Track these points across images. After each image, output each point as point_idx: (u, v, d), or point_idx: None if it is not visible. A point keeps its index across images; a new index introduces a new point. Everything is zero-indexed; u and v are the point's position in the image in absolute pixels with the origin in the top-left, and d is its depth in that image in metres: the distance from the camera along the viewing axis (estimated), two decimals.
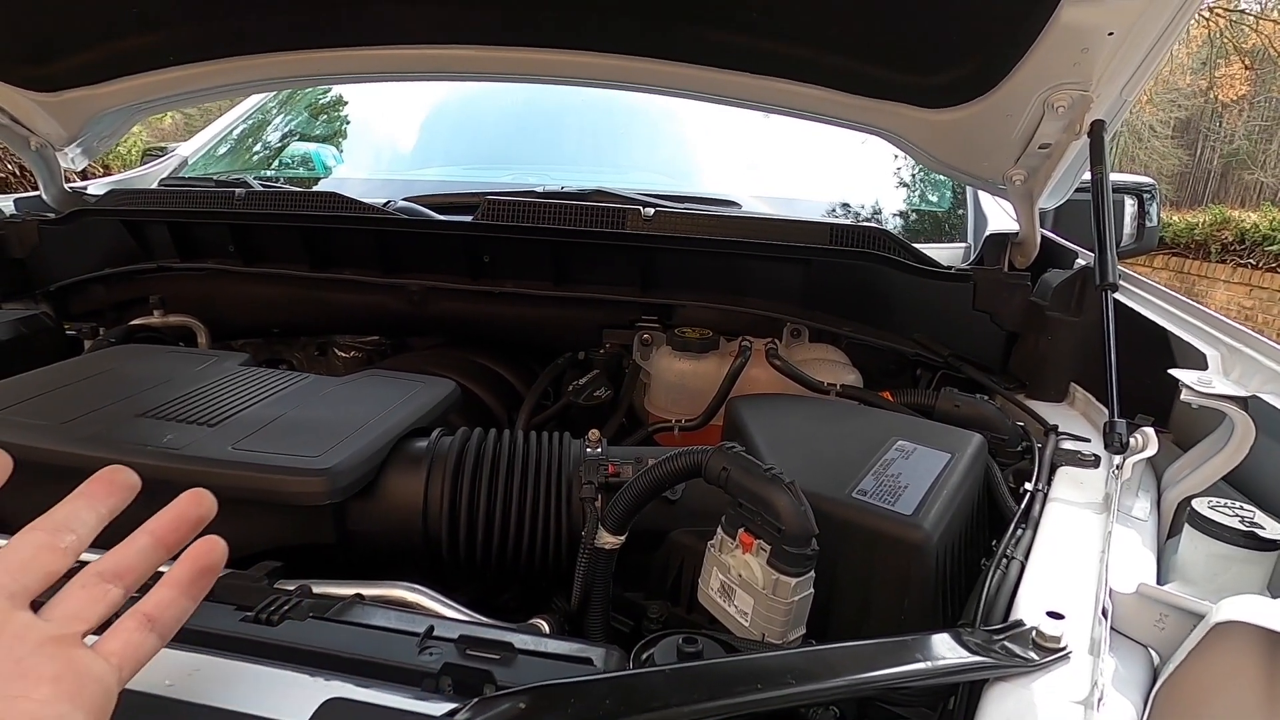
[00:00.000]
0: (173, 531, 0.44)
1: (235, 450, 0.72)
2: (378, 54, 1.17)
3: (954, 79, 1.03)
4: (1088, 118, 0.97)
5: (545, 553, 0.77)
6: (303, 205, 1.25)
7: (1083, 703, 0.45)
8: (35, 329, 1.25)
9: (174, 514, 0.44)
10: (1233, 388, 0.74)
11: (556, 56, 1.13)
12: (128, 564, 0.42)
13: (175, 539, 0.44)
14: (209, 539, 0.44)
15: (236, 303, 1.38)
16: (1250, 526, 0.60)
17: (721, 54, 1.09)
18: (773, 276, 1.18)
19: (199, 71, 1.22)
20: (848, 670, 0.45)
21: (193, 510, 0.45)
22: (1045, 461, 0.83)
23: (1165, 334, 0.98)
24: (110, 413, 0.80)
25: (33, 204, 1.50)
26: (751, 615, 0.60)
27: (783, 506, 0.57)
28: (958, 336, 1.14)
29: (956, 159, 1.16)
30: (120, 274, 1.35)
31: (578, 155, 1.90)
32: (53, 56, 1.22)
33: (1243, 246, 7.61)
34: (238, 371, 0.95)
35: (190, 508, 0.45)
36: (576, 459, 0.80)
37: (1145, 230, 1.76)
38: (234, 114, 2.15)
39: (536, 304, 1.26)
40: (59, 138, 1.37)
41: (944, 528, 0.65)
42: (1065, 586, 0.59)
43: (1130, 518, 0.73)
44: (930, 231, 1.69)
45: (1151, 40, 0.90)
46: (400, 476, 0.77)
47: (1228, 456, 0.73)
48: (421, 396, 0.89)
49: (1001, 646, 0.51)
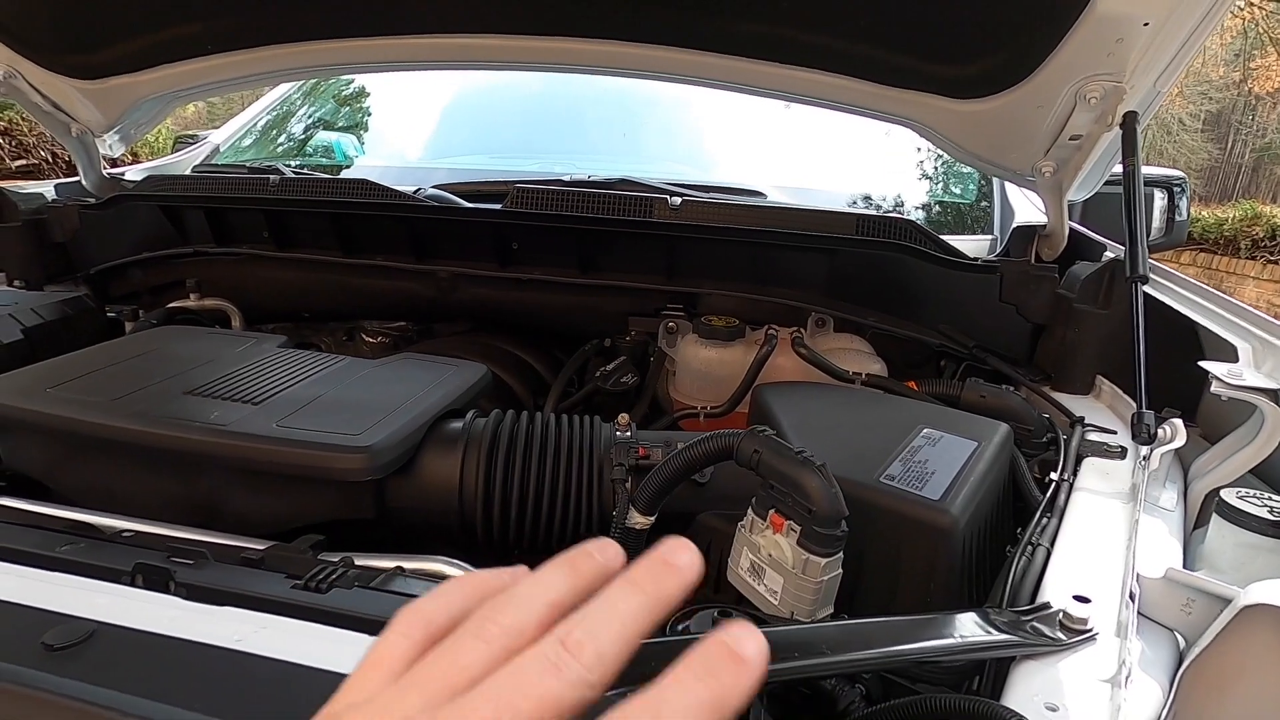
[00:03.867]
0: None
1: (280, 427, 0.75)
2: (409, 43, 1.18)
3: (985, 70, 1.03)
4: (1120, 109, 0.97)
5: (576, 532, 0.79)
6: (335, 192, 1.28)
7: (1109, 681, 0.46)
8: (78, 310, 1.29)
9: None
10: (1264, 380, 0.74)
11: (585, 46, 1.14)
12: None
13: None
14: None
15: (269, 287, 1.41)
16: (1278, 516, 0.60)
17: (750, 44, 1.09)
18: (798, 266, 1.19)
19: (235, 60, 1.24)
20: (880, 643, 0.46)
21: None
22: (1071, 452, 0.83)
23: (1194, 327, 0.97)
24: (158, 390, 0.83)
25: (73, 189, 1.54)
26: (781, 594, 0.61)
27: (814, 488, 0.59)
28: (983, 328, 1.15)
29: (985, 150, 1.16)
30: (158, 258, 1.39)
31: (603, 145, 1.91)
32: (95, 45, 1.25)
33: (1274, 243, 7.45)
34: (277, 353, 0.97)
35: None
36: (607, 442, 0.81)
37: (1174, 224, 1.74)
38: (262, 103, 2.18)
39: (563, 291, 1.28)
40: (99, 124, 1.40)
41: (970, 513, 0.66)
42: (1091, 572, 0.60)
43: (1157, 508, 0.74)
44: (954, 223, 1.68)
45: (1187, 31, 0.89)
46: (437, 456, 0.80)
47: (1257, 448, 0.73)
48: (455, 380, 0.92)
49: (1030, 626, 0.52)
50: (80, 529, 0.68)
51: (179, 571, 0.57)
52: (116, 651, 0.41)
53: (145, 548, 0.62)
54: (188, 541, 0.63)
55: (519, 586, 0.31)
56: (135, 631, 0.42)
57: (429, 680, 0.28)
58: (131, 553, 0.60)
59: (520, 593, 0.30)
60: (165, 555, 0.60)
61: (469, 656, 0.28)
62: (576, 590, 0.31)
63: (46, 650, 0.40)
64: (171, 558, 0.59)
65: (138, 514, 0.71)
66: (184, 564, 0.58)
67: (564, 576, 0.31)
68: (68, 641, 0.40)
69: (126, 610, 0.46)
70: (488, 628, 0.29)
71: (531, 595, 0.30)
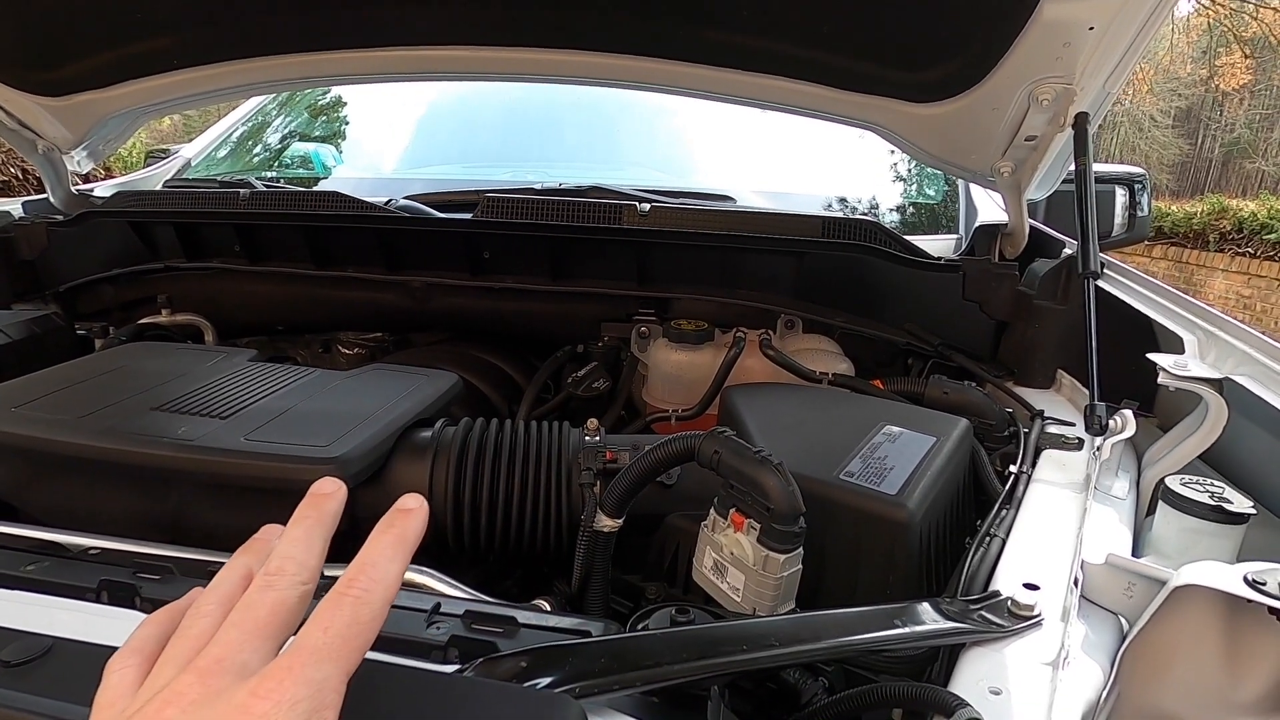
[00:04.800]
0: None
1: (247, 441, 0.75)
2: (379, 55, 1.19)
3: (942, 74, 1.05)
4: (1072, 110, 1.00)
5: (546, 537, 0.80)
6: (306, 205, 1.28)
7: (1050, 664, 0.48)
8: (46, 329, 1.28)
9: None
10: (1207, 370, 0.77)
11: (554, 56, 1.15)
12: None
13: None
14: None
15: (242, 301, 1.41)
16: (1219, 501, 0.62)
17: (715, 52, 1.11)
18: (766, 269, 1.21)
19: (204, 74, 1.24)
20: (829, 635, 0.48)
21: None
22: (1030, 445, 0.86)
23: (1149, 321, 1.00)
24: (126, 407, 0.83)
25: (40, 207, 1.53)
26: (743, 591, 0.62)
27: (771, 486, 0.60)
28: (948, 326, 1.17)
29: (946, 152, 1.18)
30: (128, 274, 1.38)
31: (575, 152, 1.92)
32: (60, 61, 1.25)
33: (1241, 235, 7.62)
34: (246, 366, 0.97)
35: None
36: (576, 447, 0.82)
37: (1136, 220, 1.78)
38: (235, 115, 2.17)
39: (536, 299, 1.29)
40: (66, 141, 1.40)
41: (927, 507, 0.68)
42: (1043, 560, 0.62)
43: (1110, 497, 0.76)
44: (926, 224, 1.71)
45: (1132, 34, 0.92)
46: (406, 465, 0.80)
47: (1202, 437, 0.75)
48: (425, 389, 0.92)
49: (978, 615, 0.53)
50: (47, 548, 0.67)
51: (144, 587, 0.57)
52: (73, 666, 0.41)
53: (112, 564, 0.62)
54: (154, 557, 0.63)
55: (215, 578, 0.38)
56: (93, 646, 0.43)
57: (177, 656, 0.33)
58: (97, 570, 0.60)
59: (216, 579, 0.38)
60: (131, 571, 0.60)
61: (198, 626, 0.34)
62: (261, 564, 0.37)
63: (3, 666, 0.40)
64: (137, 574, 0.59)
65: (106, 531, 0.71)
66: (150, 579, 0.58)
67: (246, 558, 0.39)
68: (24, 657, 0.41)
69: (86, 625, 0.46)
70: (202, 606, 0.36)
71: (226, 576, 0.38)
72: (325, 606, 0.34)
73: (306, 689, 0.30)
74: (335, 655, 0.32)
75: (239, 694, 0.30)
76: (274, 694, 0.30)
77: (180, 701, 0.30)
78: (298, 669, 0.31)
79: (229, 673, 0.31)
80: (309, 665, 0.31)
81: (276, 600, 0.34)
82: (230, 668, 0.31)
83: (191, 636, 0.34)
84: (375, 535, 0.37)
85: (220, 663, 0.32)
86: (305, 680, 0.30)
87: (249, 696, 0.30)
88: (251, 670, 0.31)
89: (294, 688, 0.30)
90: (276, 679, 0.30)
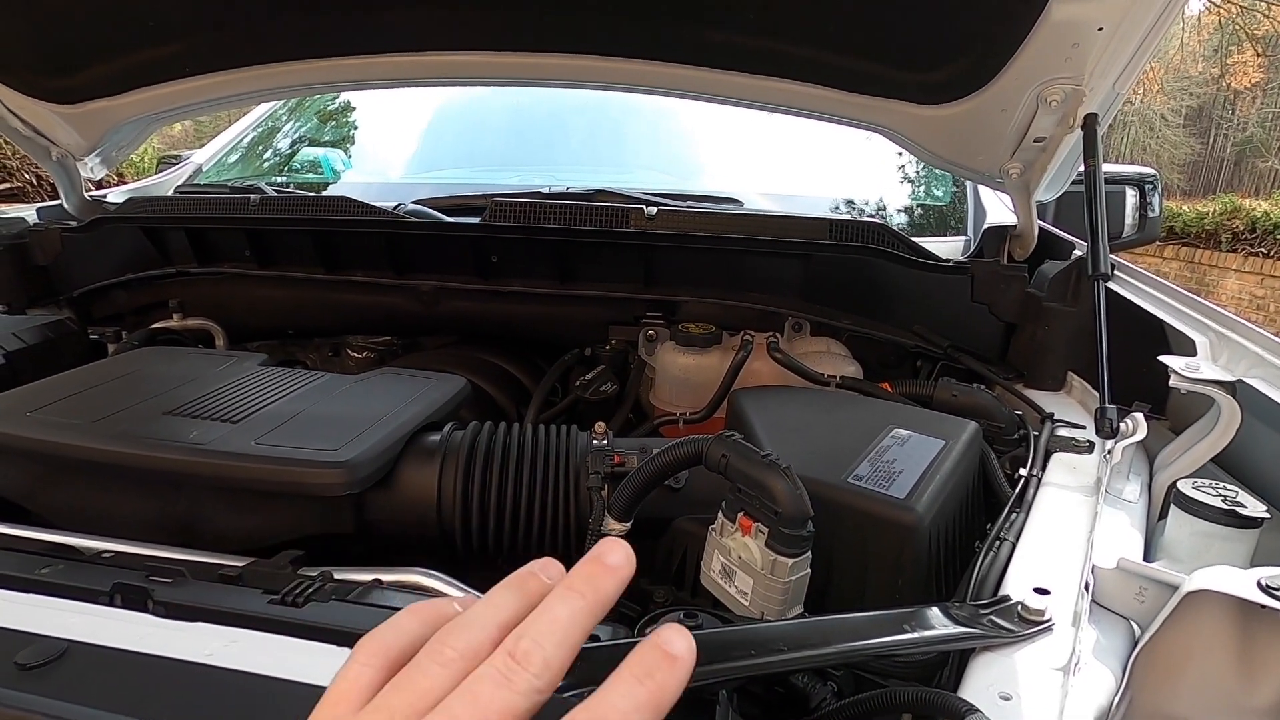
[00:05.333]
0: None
1: (258, 445, 0.76)
2: (387, 61, 1.20)
3: (950, 75, 1.05)
4: (1081, 111, 0.99)
5: (554, 541, 0.80)
6: (315, 210, 1.29)
7: (1061, 669, 0.48)
8: (60, 333, 1.30)
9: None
10: (1219, 372, 0.76)
11: (561, 61, 1.16)
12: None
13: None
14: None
15: (252, 305, 1.42)
16: (1231, 505, 0.62)
17: (721, 55, 1.11)
18: (773, 272, 1.21)
19: (215, 81, 1.26)
20: (838, 640, 0.48)
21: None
22: (1040, 448, 0.85)
23: (1161, 323, 1.00)
24: (138, 411, 0.84)
25: (54, 213, 1.55)
26: (751, 595, 0.62)
27: (779, 490, 0.60)
28: (957, 328, 1.17)
29: (954, 154, 1.18)
30: (140, 279, 1.39)
31: (583, 156, 1.93)
32: (73, 69, 1.26)
33: (1254, 235, 7.54)
34: (257, 371, 0.98)
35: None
36: (583, 450, 0.83)
37: (1147, 221, 1.77)
38: (245, 121, 2.19)
39: (543, 302, 1.29)
40: (79, 148, 1.41)
41: (936, 510, 0.68)
42: (1053, 565, 0.62)
43: (1121, 500, 0.76)
44: (934, 225, 1.70)
45: (1142, 34, 0.92)
46: (415, 469, 0.81)
47: (1215, 440, 0.75)
48: (434, 393, 0.93)
49: (988, 619, 0.53)
50: (60, 551, 0.68)
51: (157, 590, 0.58)
52: (88, 669, 0.41)
53: (125, 567, 0.63)
54: (167, 560, 0.64)
55: (471, 610, 0.33)
56: (107, 649, 0.43)
57: (393, 707, 0.30)
58: (111, 573, 0.61)
59: (472, 616, 0.33)
60: (144, 574, 0.60)
61: (429, 681, 0.30)
62: (525, 610, 0.33)
63: (19, 669, 0.41)
64: (150, 577, 0.60)
65: (118, 534, 0.72)
66: (162, 582, 0.59)
67: (513, 597, 0.33)
68: (40, 660, 0.41)
69: (100, 629, 0.47)
70: (445, 652, 0.31)
71: (483, 617, 0.32)
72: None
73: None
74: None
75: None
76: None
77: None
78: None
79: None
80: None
81: (506, 704, 0.29)
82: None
83: (420, 690, 0.30)
84: (623, 670, 0.31)
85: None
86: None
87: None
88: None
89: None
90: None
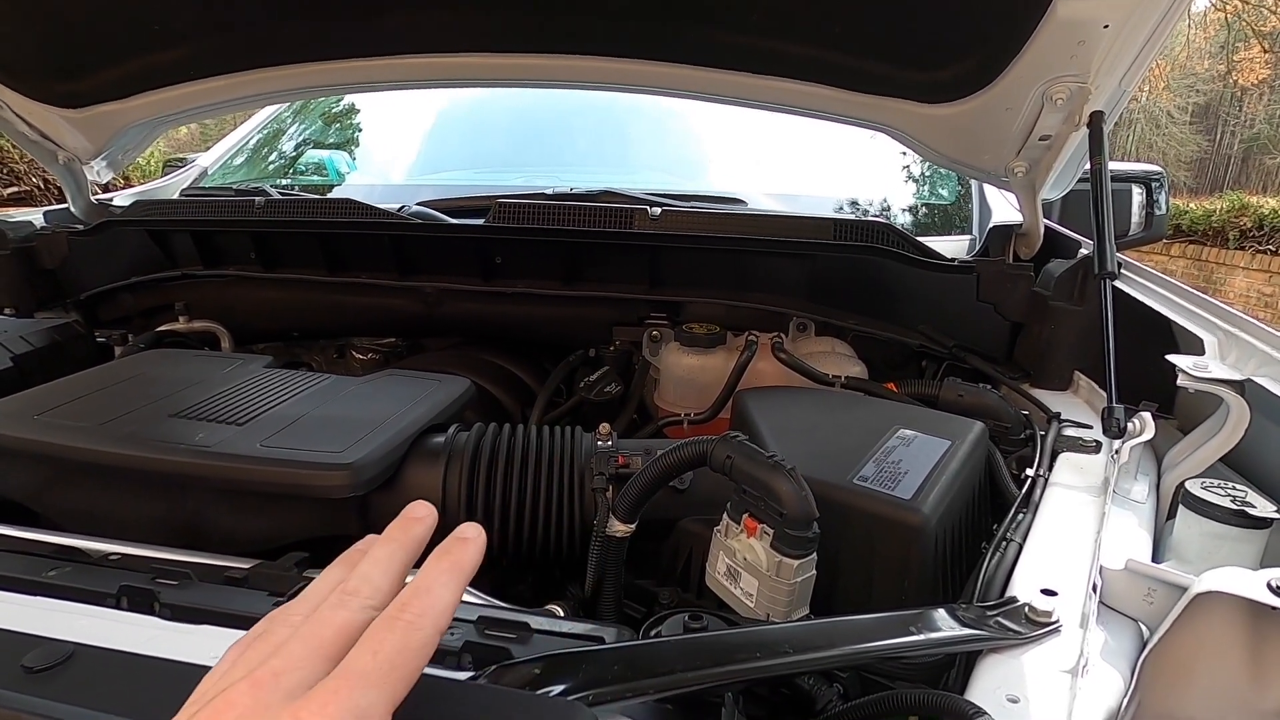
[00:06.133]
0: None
1: (264, 447, 0.76)
2: (392, 63, 1.20)
3: (955, 74, 1.05)
4: (1086, 109, 0.99)
5: (559, 542, 0.80)
6: (320, 212, 1.29)
7: (1069, 671, 0.47)
8: (67, 337, 1.31)
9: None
10: (1228, 371, 0.75)
11: (565, 62, 1.16)
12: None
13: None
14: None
15: (257, 308, 1.42)
16: (1241, 505, 0.61)
17: (726, 55, 1.11)
18: (778, 272, 1.21)
19: (221, 84, 1.26)
20: (844, 642, 0.48)
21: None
22: (1047, 448, 0.85)
23: (1168, 322, 0.99)
24: (144, 414, 0.84)
25: (61, 216, 1.55)
26: (756, 596, 0.62)
27: (784, 491, 0.60)
28: (963, 327, 1.16)
29: (959, 153, 1.17)
30: (146, 282, 1.40)
31: (587, 157, 1.93)
32: (79, 73, 1.27)
33: (1261, 232, 7.49)
34: (262, 373, 0.98)
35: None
36: (588, 452, 0.82)
37: (1154, 219, 1.76)
38: (250, 124, 2.20)
39: (548, 303, 1.29)
40: (86, 151, 1.42)
41: (942, 511, 0.68)
42: (1061, 565, 0.61)
43: (1129, 501, 0.75)
44: (940, 225, 1.70)
45: (1148, 31, 0.91)
46: (419, 470, 0.81)
47: (1223, 439, 0.74)
48: (438, 394, 0.93)
49: (995, 621, 0.53)
50: (67, 553, 0.68)
51: (163, 592, 0.58)
52: (94, 672, 0.42)
53: (131, 570, 0.63)
54: (173, 563, 0.64)
55: (308, 588, 0.39)
56: (114, 652, 0.43)
57: (248, 659, 0.34)
58: (117, 575, 0.61)
59: (308, 590, 0.39)
60: (150, 577, 0.60)
61: (279, 633, 0.35)
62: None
63: (25, 672, 0.41)
64: (156, 579, 0.60)
65: (125, 536, 0.72)
66: (168, 585, 0.59)
67: (342, 569, 0.39)
68: (47, 663, 0.41)
69: (106, 632, 0.47)
70: (290, 618, 0.37)
71: (318, 587, 0.39)
72: (376, 629, 0.34)
73: (349, 715, 0.30)
74: (381, 681, 0.32)
75: (283, 714, 0.30)
76: (315, 718, 0.30)
77: (230, 712, 0.31)
78: (344, 693, 0.31)
79: (281, 689, 0.32)
80: (355, 690, 0.31)
81: (344, 621, 0.34)
82: (284, 683, 0.32)
83: (269, 642, 0.35)
84: (431, 561, 0.37)
85: (276, 677, 0.32)
86: (349, 707, 0.31)
87: (291, 718, 0.30)
88: (305, 688, 0.32)
89: (337, 713, 0.30)
90: (320, 701, 0.31)
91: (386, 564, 0.38)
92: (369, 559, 0.38)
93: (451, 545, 0.38)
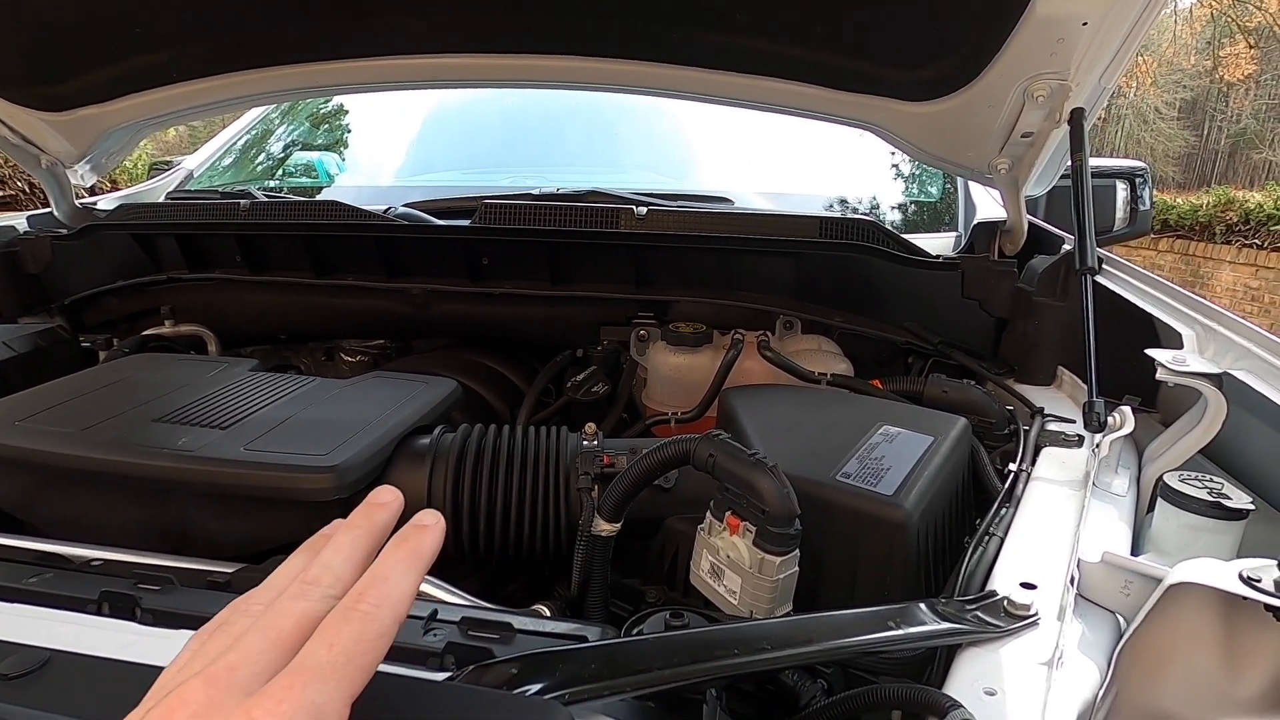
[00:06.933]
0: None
1: (247, 451, 0.76)
2: (378, 64, 1.20)
3: (937, 72, 1.05)
4: (1067, 106, 0.99)
5: (545, 542, 0.80)
6: (306, 214, 1.29)
7: (1046, 664, 0.48)
8: (52, 342, 1.30)
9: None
10: (1206, 365, 0.76)
11: (551, 62, 1.16)
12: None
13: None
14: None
15: (244, 311, 1.42)
16: (1217, 497, 0.62)
17: (710, 55, 1.11)
18: (764, 270, 1.21)
19: (205, 86, 1.25)
20: (823, 637, 0.48)
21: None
22: (1030, 443, 0.85)
23: (1150, 317, 1.00)
24: (128, 418, 0.84)
25: (45, 220, 1.54)
26: (740, 594, 0.62)
27: (765, 489, 0.60)
28: (948, 324, 1.17)
29: (943, 150, 1.18)
30: (131, 286, 1.39)
31: (574, 157, 1.93)
32: (62, 77, 1.26)
33: (1248, 227, 7.55)
34: (247, 376, 0.98)
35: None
36: (573, 451, 0.83)
37: (1138, 214, 1.77)
38: (237, 126, 2.19)
39: (535, 304, 1.29)
40: (69, 155, 1.41)
41: (925, 507, 0.68)
42: (1040, 559, 0.62)
43: (1109, 494, 0.76)
44: (926, 222, 1.71)
45: (1127, 28, 0.92)
46: (405, 472, 0.81)
47: (1202, 432, 0.75)
48: (424, 396, 0.93)
49: (974, 615, 0.53)
50: (49, 560, 0.68)
51: (145, 598, 0.57)
52: (70, 677, 0.41)
53: (113, 575, 0.62)
54: (155, 568, 0.64)
55: (270, 576, 0.38)
56: (90, 658, 0.43)
57: (208, 651, 0.34)
58: (99, 581, 0.60)
59: (271, 579, 0.38)
60: (132, 582, 0.60)
61: (239, 624, 0.35)
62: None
63: (1, 679, 0.41)
64: (138, 584, 0.60)
65: (109, 542, 0.72)
66: (150, 590, 0.59)
67: (305, 557, 0.39)
68: (21, 670, 0.41)
69: (84, 638, 0.47)
70: (251, 608, 0.36)
71: (280, 575, 0.38)
72: (332, 621, 0.33)
73: (304, 712, 0.29)
74: (338, 675, 0.31)
75: (236, 712, 0.29)
76: (269, 716, 0.29)
77: (183, 710, 0.30)
78: (298, 689, 0.30)
79: (236, 684, 0.31)
80: (310, 686, 0.30)
81: (304, 611, 0.34)
82: (240, 678, 0.31)
83: (229, 633, 0.34)
84: (388, 549, 0.37)
85: (232, 671, 0.31)
86: (303, 704, 0.30)
87: (244, 716, 0.29)
88: (261, 682, 0.31)
89: (291, 710, 0.29)
90: (275, 699, 0.30)
91: (349, 551, 0.37)
92: (331, 545, 0.37)
93: (409, 533, 0.38)
